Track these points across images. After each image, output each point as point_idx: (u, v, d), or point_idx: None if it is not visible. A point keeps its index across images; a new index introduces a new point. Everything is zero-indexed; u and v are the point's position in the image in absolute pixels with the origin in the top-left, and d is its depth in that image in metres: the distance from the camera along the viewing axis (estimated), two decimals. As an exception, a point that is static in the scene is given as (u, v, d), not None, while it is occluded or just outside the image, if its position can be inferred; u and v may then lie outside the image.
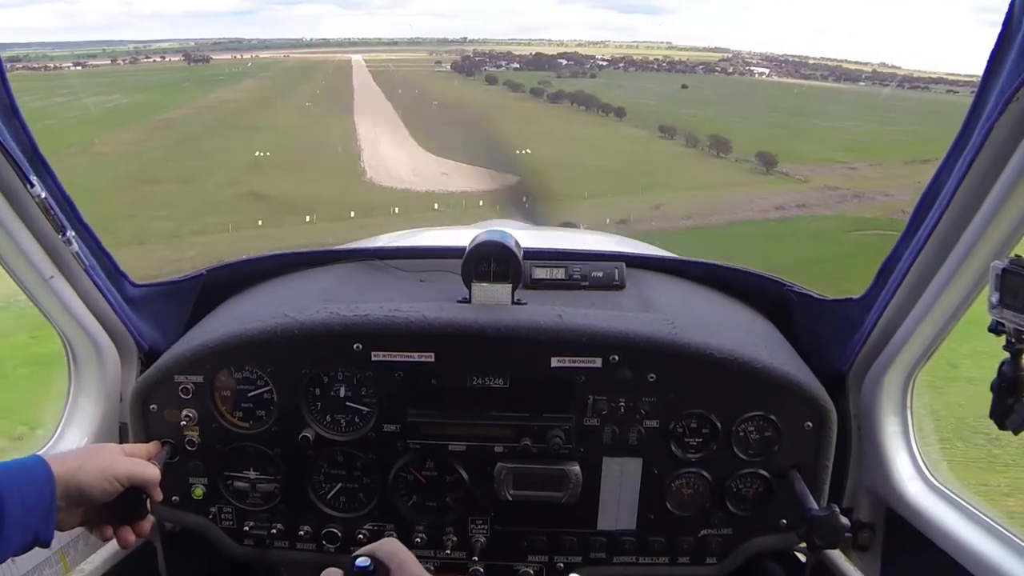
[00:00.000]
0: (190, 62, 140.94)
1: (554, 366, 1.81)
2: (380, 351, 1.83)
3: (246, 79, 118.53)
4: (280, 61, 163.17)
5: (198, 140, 65.35)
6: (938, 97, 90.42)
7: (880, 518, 1.95)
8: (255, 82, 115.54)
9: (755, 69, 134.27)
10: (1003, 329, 1.31)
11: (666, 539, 1.92)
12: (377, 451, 1.90)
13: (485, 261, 1.89)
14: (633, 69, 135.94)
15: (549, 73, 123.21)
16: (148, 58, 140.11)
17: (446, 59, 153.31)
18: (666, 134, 74.26)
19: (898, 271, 1.71)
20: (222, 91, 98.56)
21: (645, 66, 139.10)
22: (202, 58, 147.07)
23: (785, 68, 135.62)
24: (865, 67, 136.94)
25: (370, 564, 1.29)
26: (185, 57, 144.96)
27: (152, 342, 2.09)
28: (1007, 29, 1.35)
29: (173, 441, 1.87)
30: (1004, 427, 1.35)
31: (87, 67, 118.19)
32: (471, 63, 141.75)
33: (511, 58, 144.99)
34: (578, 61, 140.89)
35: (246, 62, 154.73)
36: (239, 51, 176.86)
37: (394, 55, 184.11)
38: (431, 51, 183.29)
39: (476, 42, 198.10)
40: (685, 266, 2.38)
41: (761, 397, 1.82)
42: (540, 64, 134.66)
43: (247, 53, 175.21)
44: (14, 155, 1.54)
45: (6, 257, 1.67)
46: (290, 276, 2.31)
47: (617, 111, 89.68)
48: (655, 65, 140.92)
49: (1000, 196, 1.41)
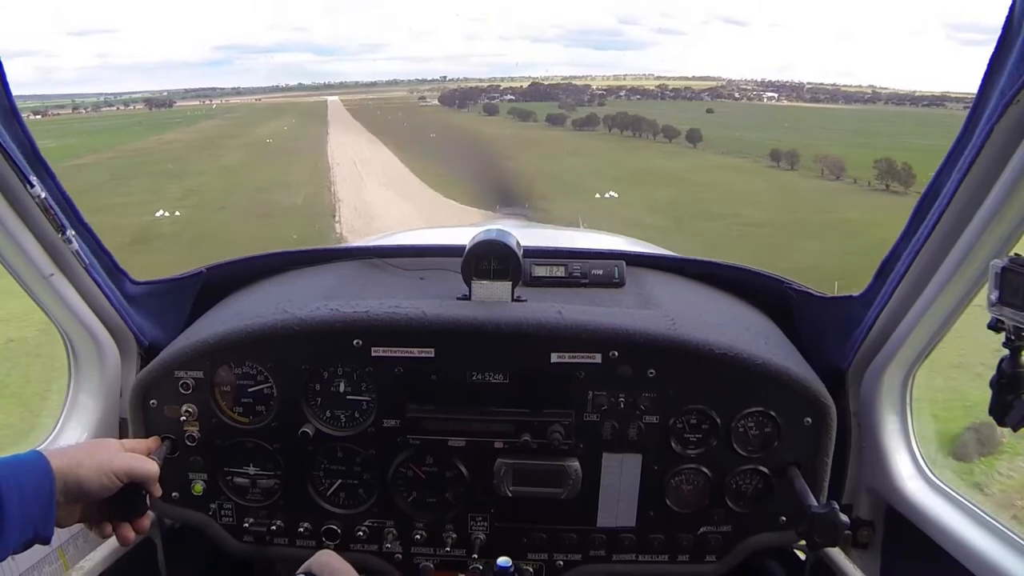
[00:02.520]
0: (152, 107, 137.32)
1: (554, 362, 1.82)
2: (380, 347, 1.83)
3: (204, 121, 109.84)
4: (250, 105, 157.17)
5: (97, 191, 49.41)
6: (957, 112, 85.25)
7: (880, 515, 1.96)
8: (214, 123, 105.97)
9: (764, 94, 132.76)
10: (1002, 326, 1.31)
11: (665, 536, 1.93)
12: (377, 447, 1.91)
13: (485, 259, 1.90)
14: (637, 97, 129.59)
15: (551, 103, 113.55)
16: (111, 106, 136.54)
17: (430, 95, 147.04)
18: (782, 162, 61.29)
19: (898, 269, 1.71)
20: (173, 133, 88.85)
21: (648, 94, 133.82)
22: (165, 103, 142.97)
23: (788, 92, 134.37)
24: (865, 89, 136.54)
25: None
26: (148, 103, 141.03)
27: (152, 338, 2.09)
28: (1007, 31, 1.35)
29: (173, 436, 1.88)
30: (1003, 424, 1.36)
31: (47, 116, 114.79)
32: (462, 95, 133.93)
33: (504, 91, 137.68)
34: (575, 91, 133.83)
35: (211, 106, 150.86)
36: (211, 98, 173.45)
37: (373, 94, 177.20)
38: (411, 89, 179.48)
39: (457, 80, 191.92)
40: (685, 264, 2.38)
41: (761, 393, 1.82)
42: (538, 94, 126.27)
43: (218, 99, 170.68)
44: (14, 156, 1.55)
45: (7, 256, 1.68)
46: (290, 274, 2.32)
47: (690, 135, 78.67)
48: (657, 93, 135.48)
49: (1000, 196, 1.41)
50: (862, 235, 36.68)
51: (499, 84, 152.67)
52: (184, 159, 66.59)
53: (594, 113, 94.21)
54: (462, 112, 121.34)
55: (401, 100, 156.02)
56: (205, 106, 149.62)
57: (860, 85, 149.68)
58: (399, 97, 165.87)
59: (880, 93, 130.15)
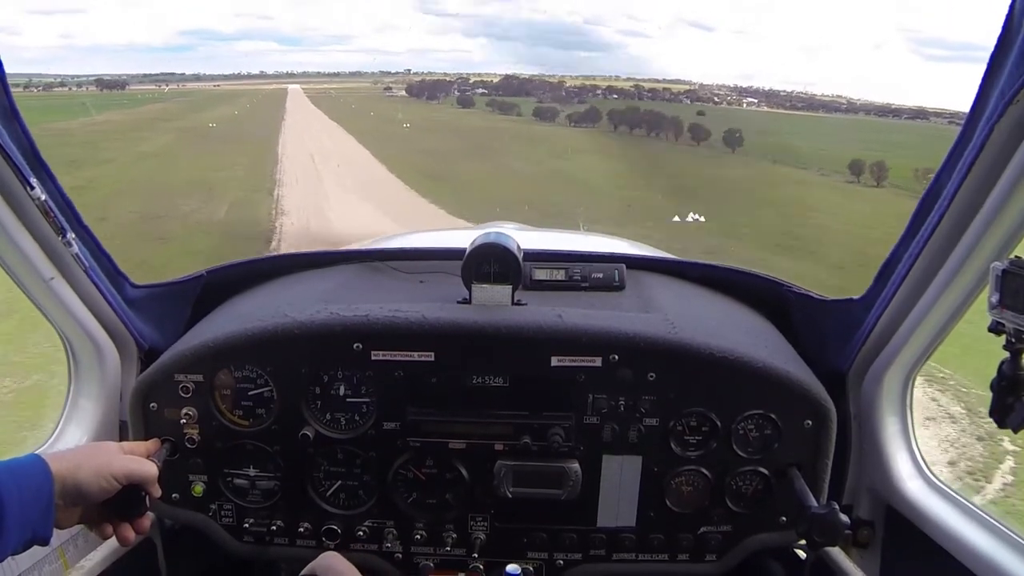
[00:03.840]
0: (103, 88, 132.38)
1: (554, 365, 1.82)
2: (380, 351, 1.83)
3: (150, 104, 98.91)
4: (207, 90, 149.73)
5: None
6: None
7: (880, 516, 1.96)
8: (158, 106, 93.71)
9: (744, 99, 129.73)
10: (1003, 329, 1.32)
11: (665, 536, 1.93)
12: (377, 449, 1.91)
13: (485, 262, 1.90)
14: (615, 96, 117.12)
15: (529, 98, 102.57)
16: (65, 87, 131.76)
17: (396, 86, 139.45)
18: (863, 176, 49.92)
19: (898, 271, 1.71)
20: (107, 114, 77.21)
21: (624, 93, 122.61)
22: (118, 85, 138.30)
23: (764, 99, 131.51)
24: (840, 99, 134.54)
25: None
26: (99, 84, 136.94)
27: (152, 342, 2.09)
28: (1007, 31, 1.35)
29: (173, 439, 1.88)
30: (1004, 425, 1.36)
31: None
32: (431, 87, 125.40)
33: (474, 84, 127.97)
34: (550, 88, 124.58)
35: (163, 90, 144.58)
36: (168, 82, 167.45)
37: (335, 84, 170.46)
38: (376, 81, 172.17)
39: (422, 74, 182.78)
40: (684, 267, 2.38)
41: (761, 396, 1.82)
42: (511, 89, 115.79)
43: (175, 84, 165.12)
44: (14, 158, 1.54)
45: (7, 259, 1.68)
46: (290, 277, 2.32)
47: (728, 138, 64.06)
48: (634, 93, 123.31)
49: (1000, 197, 1.41)
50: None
51: (468, 77, 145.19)
52: (99, 143, 50.60)
53: (595, 107, 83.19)
54: (432, 104, 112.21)
55: (366, 90, 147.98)
56: (158, 90, 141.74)
57: (833, 95, 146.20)
58: (363, 88, 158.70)
59: (855, 103, 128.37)
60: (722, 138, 66.95)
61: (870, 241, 26.28)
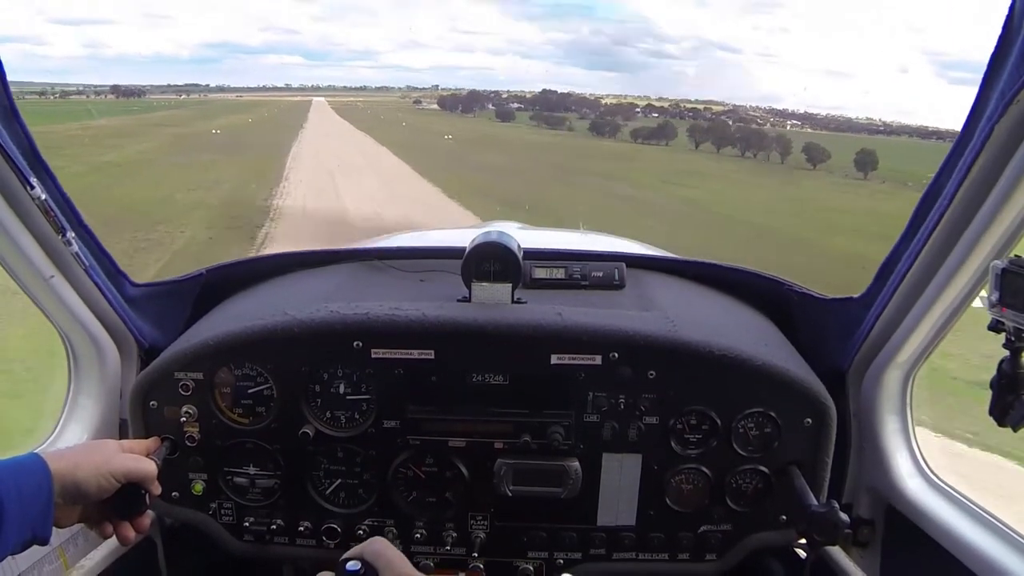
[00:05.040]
0: (119, 96, 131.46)
1: (554, 363, 1.82)
2: (380, 349, 1.83)
3: (160, 111, 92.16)
4: (227, 100, 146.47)
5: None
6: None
7: (880, 514, 1.96)
8: (166, 113, 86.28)
9: (789, 121, 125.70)
10: (1003, 328, 1.32)
11: (665, 535, 1.93)
12: (377, 447, 1.91)
13: (486, 261, 1.90)
14: (655, 115, 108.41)
15: (569, 113, 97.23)
16: (82, 95, 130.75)
17: (426, 100, 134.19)
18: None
19: (898, 270, 1.71)
20: (104, 120, 69.73)
21: (665, 112, 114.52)
22: (134, 92, 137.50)
23: (802, 120, 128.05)
24: (875, 122, 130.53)
25: (361, 567, 1.28)
26: (115, 92, 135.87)
27: (152, 340, 2.09)
28: (1007, 31, 1.35)
29: (173, 437, 1.88)
30: (1003, 424, 1.37)
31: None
32: (466, 99, 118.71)
33: (508, 98, 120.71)
34: (588, 104, 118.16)
35: (181, 99, 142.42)
36: (191, 92, 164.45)
37: (362, 97, 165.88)
38: (403, 95, 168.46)
39: (451, 90, 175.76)
40: (684, 266, 2.38)
41: (761, 394, 1.82)
42: (549, 104, 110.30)
43: (197, 95, 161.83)
44: (14, 157, 1.54)
45: (6, 258, 1.68)
46: (290, 276, 2.32)
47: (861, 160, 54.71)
48: (675, 112, 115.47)
49: (1000, 197, 1.41)
50: None
51: (500, 92, 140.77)
52: (62, 148, 39.54)
53: (669, 122, 72.64)
54: (468, 117, 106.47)
55: (394, 103, 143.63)
56: (177, 99, 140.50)
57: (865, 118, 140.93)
58: (391, 101, 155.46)
59: (891, 126, 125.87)
60: (853, 161, 57.20)
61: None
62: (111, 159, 38.01)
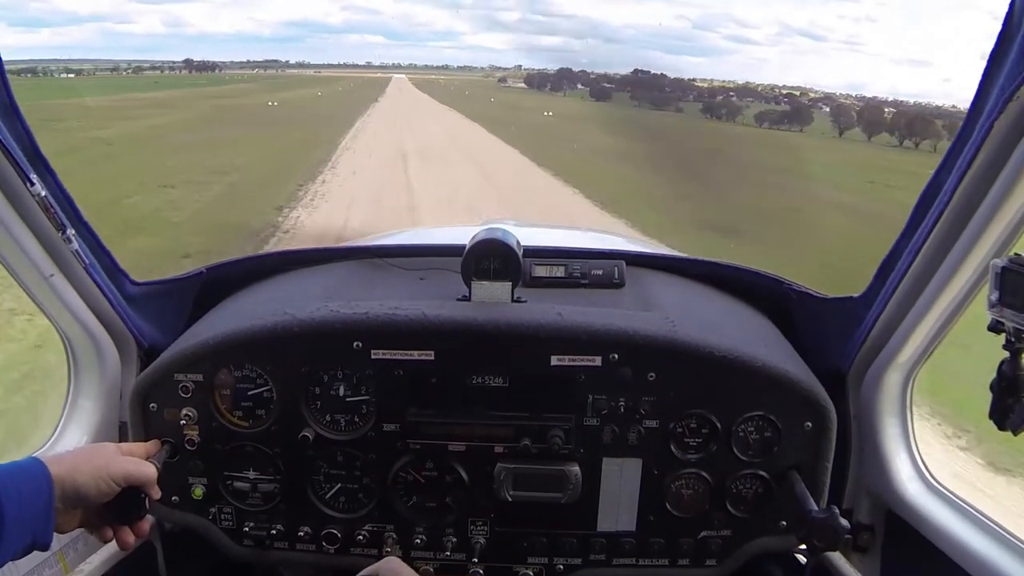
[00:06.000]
0: (191, 71, 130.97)
1: (554, 364, 1.81)
2: (380, 349, 1.83)
3: (229, 84, 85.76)
4: (303, 76, 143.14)
5: None
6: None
7: (880, 519, 1.94)
8: (231, 87, 78.94)
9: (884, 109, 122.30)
10: (1002, 328, 1.30)
11: (666, 541, 1.92)
12: (377, 451, 1.90)
13: (485, 259, 1.89)
14: (749, 99, 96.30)
15: (670, 93, 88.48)
16: (156, 70, 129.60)
17: (511, 79, 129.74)
18: None
19: (898, 269, 1.70)
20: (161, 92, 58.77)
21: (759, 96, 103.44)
22: (207, 67, 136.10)
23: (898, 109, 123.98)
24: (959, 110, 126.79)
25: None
26: (187, 66, 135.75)
27: (152, 340, 2.08)
28: (1007, 28, 1.35)
29: (172, 440, 1.87)
30: (1003, 427, 1.35)
31: (80, 75, 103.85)
32: (555, 77, 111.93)
33: (597, 77, 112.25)
34: (681, 86, 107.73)
35: (254, 73, 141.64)
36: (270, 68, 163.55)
37: (444, 76, 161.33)
38: (487, 74, 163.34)
39: (536, 70, 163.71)
40: (685, 264, 2.38)
41: (761, 397, 1.82)
42: (644, 84, 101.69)
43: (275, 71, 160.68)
44: (14, 154, 1.54)
45: (6, 255, 1.67)
46: (290, 274, 2.31)
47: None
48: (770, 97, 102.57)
49: (1000, 194, 1.40)
50: None
51: (588, 73, 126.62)
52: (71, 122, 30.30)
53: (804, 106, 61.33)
54: (557, 96, 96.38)
55: (479, 81, 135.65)
56: (251, 73, 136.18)
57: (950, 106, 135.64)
58: (475, 79, 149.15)
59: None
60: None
61: None
62: (99, 136, 27.71)
